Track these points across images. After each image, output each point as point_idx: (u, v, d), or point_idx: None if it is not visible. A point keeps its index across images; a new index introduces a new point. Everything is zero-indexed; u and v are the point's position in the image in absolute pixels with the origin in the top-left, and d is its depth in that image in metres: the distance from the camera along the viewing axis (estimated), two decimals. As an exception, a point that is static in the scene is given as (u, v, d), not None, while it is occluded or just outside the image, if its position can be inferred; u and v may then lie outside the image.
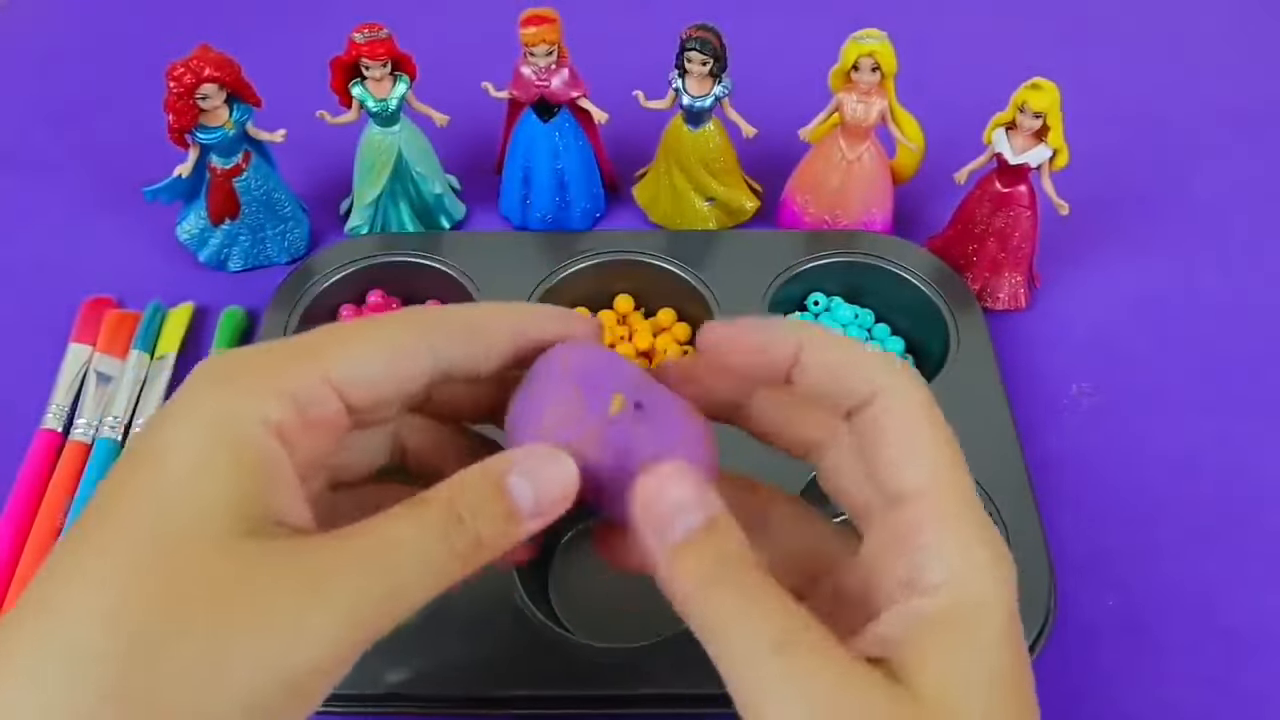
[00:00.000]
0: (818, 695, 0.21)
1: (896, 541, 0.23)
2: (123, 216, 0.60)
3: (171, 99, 0.50)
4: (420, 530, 0.22)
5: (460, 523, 0.23)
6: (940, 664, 0.22)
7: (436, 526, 0.23)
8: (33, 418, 0.50)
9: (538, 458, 0.24)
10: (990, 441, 0.46)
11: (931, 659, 0.22)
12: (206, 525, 0.21)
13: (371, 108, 0.54)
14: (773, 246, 0.55)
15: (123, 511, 0.21)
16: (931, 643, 0.22)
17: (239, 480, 0.21)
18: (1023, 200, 0.53)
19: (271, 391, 0.22)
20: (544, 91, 0.54)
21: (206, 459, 0.21)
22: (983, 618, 0.22)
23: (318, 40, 0.57)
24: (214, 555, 0.20)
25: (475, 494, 0.23)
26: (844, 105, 0.53)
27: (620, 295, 0.55)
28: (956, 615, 0.22)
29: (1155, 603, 0.45)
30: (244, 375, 0.23)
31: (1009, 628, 0.23)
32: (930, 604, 0.22)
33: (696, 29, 0.52)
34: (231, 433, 0.22)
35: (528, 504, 0.23)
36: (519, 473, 0.24)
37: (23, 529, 0.46)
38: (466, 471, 0.24)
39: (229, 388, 0.22)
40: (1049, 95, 0.49)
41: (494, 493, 0.23)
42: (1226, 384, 0.53)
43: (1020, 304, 0.56)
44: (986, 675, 0.22)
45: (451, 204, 0.60)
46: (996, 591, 0.23)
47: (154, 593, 0.20)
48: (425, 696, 0.39)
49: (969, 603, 0.22)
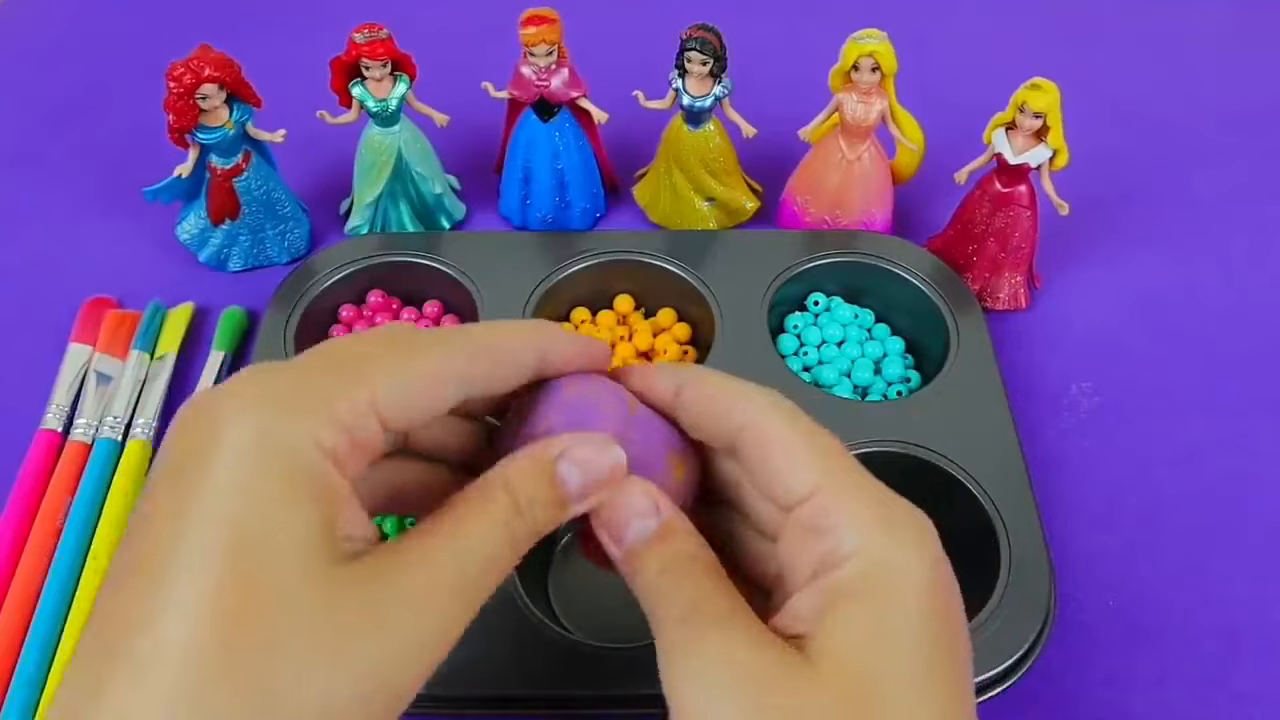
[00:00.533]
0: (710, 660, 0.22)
1: (803, 534, 0.24)
2: (123, 216, 0.60)
3: (171, 99, 0.50)
4: (489, 524, 0.24)
5: (520, 513, 0.24)
6: (852, 630, 0.22)
7: (502, 519, 0.24)
8: (33, 418, 0.50)
9: (588, 445, 0.25)
10: (990, 441, 0.46)
11: (843, 626, 0.22)
12: (288, 560, 0.20)
13: (371, 108, 0.54)
14: (773, 246, 0.55)
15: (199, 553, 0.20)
16: (844, 611, 0.23)
17: (311, 511, 0.21)
18: (1023, 200, 0.53)
19: (326, 417, 0.22)
20: (544, 91, 0.54)
21: (276, 492, 0.21)
22: (897, 581, 0.23)
23: (318, 40, 0.57)
24: (303, 587, 0.20)
25: (532, 483, 0.24)
26: (844, 105, 0.53)
27: (620, 295, 0.55)
28: (868, 582, 0.23)
29: (1155, 603, 0.45)
30: (297, 399, 0.22)
31: (932, 590, 0.23)
32: (840, 574, 0.23)
33: (696, 29, 0.52)
34: (294, 463, 0.21)
35: (575, 490, 0.25)
36: (569, 460, 0.25)
37: (23, 529, 0.46)
38: (517, 461, 0.25)
39: (285, 413, 0.22)
40: (1049, 95, 0.49)
41: (547, 481, 0.25)
42: (1227, 383, 0.53)
43: (1020, 304, 0.56)
44: (905, 640, 0.22)
45: (451, 204, 0.60)
46: (909, 554, 0.23)
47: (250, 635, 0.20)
48: (425, 696, 0.39)
49: (880, 568, 0.23)
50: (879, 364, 0.52)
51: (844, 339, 0.53)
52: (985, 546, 0.43)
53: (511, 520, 0.24)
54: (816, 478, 0.25)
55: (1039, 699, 0.42)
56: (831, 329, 0.53)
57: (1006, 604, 0.41)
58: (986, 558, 0.42)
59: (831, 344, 0.53)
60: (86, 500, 0.46)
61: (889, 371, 0.52)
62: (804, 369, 0.52)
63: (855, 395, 0.51)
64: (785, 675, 0.22)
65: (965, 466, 0.45)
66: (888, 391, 0.51)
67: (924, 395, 0.49)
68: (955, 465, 0.45)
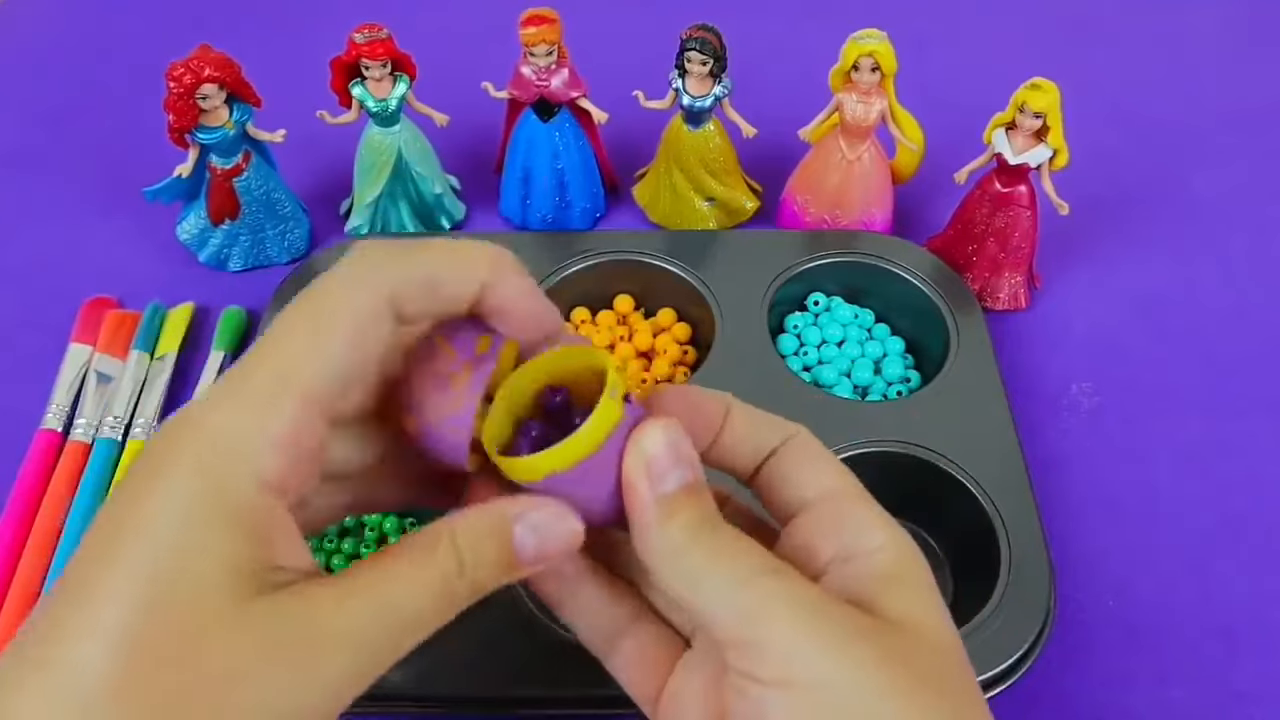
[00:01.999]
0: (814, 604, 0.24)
1: (823, 524, 0.26)
2: (123, 216, 0.60)
3: (171, 99, 0.50)
4: (423, 580, 0.23)
5: (461, 572, 0.23)
6: (904, 600, 0.25)
7: (439, 576, 0.23)
8: (33, 418, 0.50)
9: (547, 514, 0.24)
10: (990, 441, 0.46)
11: (897, 597, 0.25)
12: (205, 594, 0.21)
13: (371, 108, 0.54)
14: (773, 246, 0.55)
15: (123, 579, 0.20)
16: (886, 588, 0.25)
17: (238, 546, 0.21)
18: (1022, 200, 0.53)
19: (265, 446, 0.22)
20: (544, 91, 0.54)
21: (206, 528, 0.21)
22: (920, 574, 0.26)
23: (318, 40, 0.57)
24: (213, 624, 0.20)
25: (481, 546, 0.24)
26: (844, 105, 0.53)
27: (620, 295, 0.55)
28: (900, 569, 0.26)
29: (1155, 603, 0.45)
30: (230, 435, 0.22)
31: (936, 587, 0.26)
32: (877, 560, 0.25)
33: (696, 29, 0.52)
34: (229, 501, 0.21)
35: (529, 556, 0.24)
36: (526, 526, 0.24)
37: (23, 529, 0.46)
38: (472, 519, 0.24)
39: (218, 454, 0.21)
40: (1049, 95, 0.49)
41: (499, 546, 0.24)
42: (1226, 383, 0.53)
43: (1020, 304, 0.56)
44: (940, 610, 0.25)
45: (451, 204, 0.60)
46: (919, 555, 0.26)
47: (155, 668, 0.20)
48: (425, 696, 0.39)
49: (906, 561, 0.26)
50: (879, 364, 0.52)
51: (844, 339, 0.53)
52: (985, 546, 0.43)
53: (451, 579, 0.23)
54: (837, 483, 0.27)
55: (1039, 699, 0.42)
56: (831, 329, 0.53)
57: (1006, 604, 0.41)
58: (986, 558, 0.42)
59: (831, 344, 0.53)
60: (86, 500, 0.46)
61: (889, 371, 0.52)
62: (804, 369, 0.52)
63: (855, 395, 0.51)
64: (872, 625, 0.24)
65: (965, 466, 0.45)
66: (888, 391, 0.51)
67: (924, 395, 0.49)
68: (955, 465, 0.45)
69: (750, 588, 0.24)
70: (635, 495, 0.25)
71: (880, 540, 0.26)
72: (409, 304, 0.24)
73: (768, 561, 0.24)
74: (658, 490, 0.24)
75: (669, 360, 0.52)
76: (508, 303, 0.25)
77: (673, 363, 0.52)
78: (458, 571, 0.23)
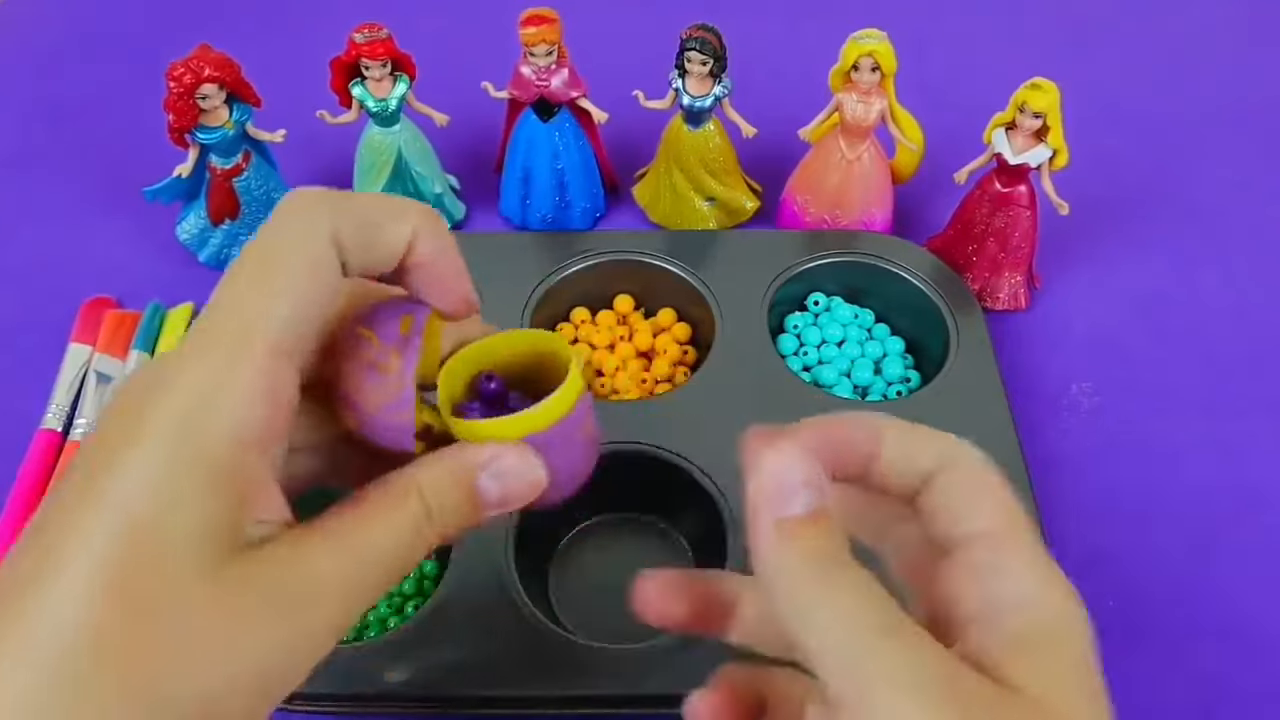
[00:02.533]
0: (929, 674, 0.21)
1: (972, 570, 0.24)
2: (123, 216, 0.60)
3: (171, 99, 0.50)
4: (395, 531, 0.23)
5: (430, 519, 0.24)
6: (1040, 672, 0.22)
7: (409, 525, 0.24)
8: (33, 418, 0.50)
9: (513, 460, 0.25)
10: (990, 441, 0.45)
11: (1030, 667, 0.22)
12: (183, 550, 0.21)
13: (371, 108, 0.54)
14: (773, 246, 0.55)
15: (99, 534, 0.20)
16: (1027, 654, 0.22)
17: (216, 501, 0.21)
18: (1022, 200, 0.53)
19: (239, 400, 0.22)
20: (544, 91, 0.54)
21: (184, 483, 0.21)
22: (1071, 638, 0.23)
23: (318, 40, 0.57)
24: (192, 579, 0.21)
25: (447, 494, 0.24)
26: (844, 105, 0.53)
27: (620, 295, 0.55)
28: (1047, 632, 0.23)
29: (1155, 603, 0.45)
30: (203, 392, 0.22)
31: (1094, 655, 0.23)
32: (1021, 620, 0.23)
33: (696, 29, 0.52)
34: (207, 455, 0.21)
35: (493, 500, 0.25)
36: (490, 474, 0.25)
37: (23, 529, 0.46)
38: (437, 470, 0.24)
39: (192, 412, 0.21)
40: (1049, 95, 0.49)
41: (465, 494, 0.24)
42: (1226, 383, 0.53)
43: (1020, 304, 0.56)
44: (1086, 688, 0.23)
45: (451, 204, 0.60)
46: (1079, 615, 0.23)
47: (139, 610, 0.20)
48: (425, 696, 0.39)
49: (1057, 623, 0.23)
50: (879, 364, 0.52)
51: (844, 339, 0.53)
52: (985, 546, 0.43)
53: (422, 525, 0.24)
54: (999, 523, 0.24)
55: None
56: (831, 329, 0.53)
57: (1006, 604, 0.41)
58: (986, 558, 0.42)
59: (831, 344, 0.53)
60: (86, 500, 0.46)
61: (889, 371, 0.52)
62: (804, 369, 0.52)
63: (855, 395, 0.51)
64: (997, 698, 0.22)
65: (965, 466, 0.45)
66: (888, 391, 0.51)
67: (924, 395, 0.49)
68: (955, 465, 0.45)
69: (861, 640, 0.22)
70: (757, 517, 0.23)
71: (1030, 594, 0.23)
72: (350, 250, 0.24)
73: (889, 615, 0.22)
74: (779, 512, 0.23)
75: (669, 360, 0.52)
76: (435, 253, 0.25)
77: (673, 363, 0.52)
78: (427, 519, 0.24)
